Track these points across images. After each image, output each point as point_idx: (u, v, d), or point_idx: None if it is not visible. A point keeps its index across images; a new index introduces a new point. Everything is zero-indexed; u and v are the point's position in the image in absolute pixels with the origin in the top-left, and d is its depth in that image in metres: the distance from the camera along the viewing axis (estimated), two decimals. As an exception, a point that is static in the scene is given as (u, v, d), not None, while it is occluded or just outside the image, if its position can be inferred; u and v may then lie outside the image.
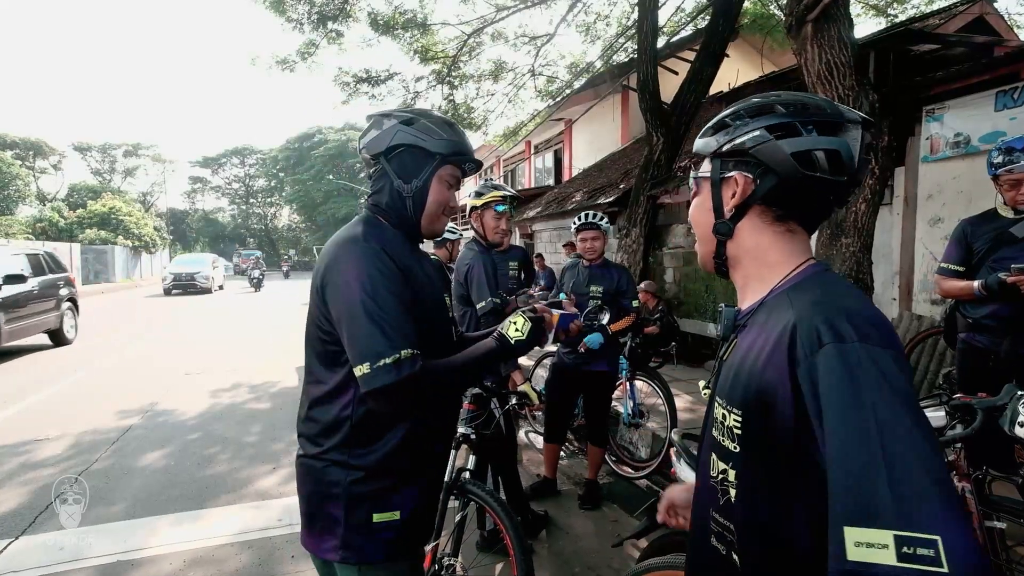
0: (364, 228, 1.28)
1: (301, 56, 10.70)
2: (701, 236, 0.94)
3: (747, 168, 0.84)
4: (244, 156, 55.43)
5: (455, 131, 1.34)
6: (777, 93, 0.86)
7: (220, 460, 4.31)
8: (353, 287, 1.17)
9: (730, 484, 0.80)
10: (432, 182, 1.34)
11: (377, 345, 1.12)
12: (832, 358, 0.66)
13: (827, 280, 0.80)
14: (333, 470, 1.26)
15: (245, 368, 7.77)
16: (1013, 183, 2.51)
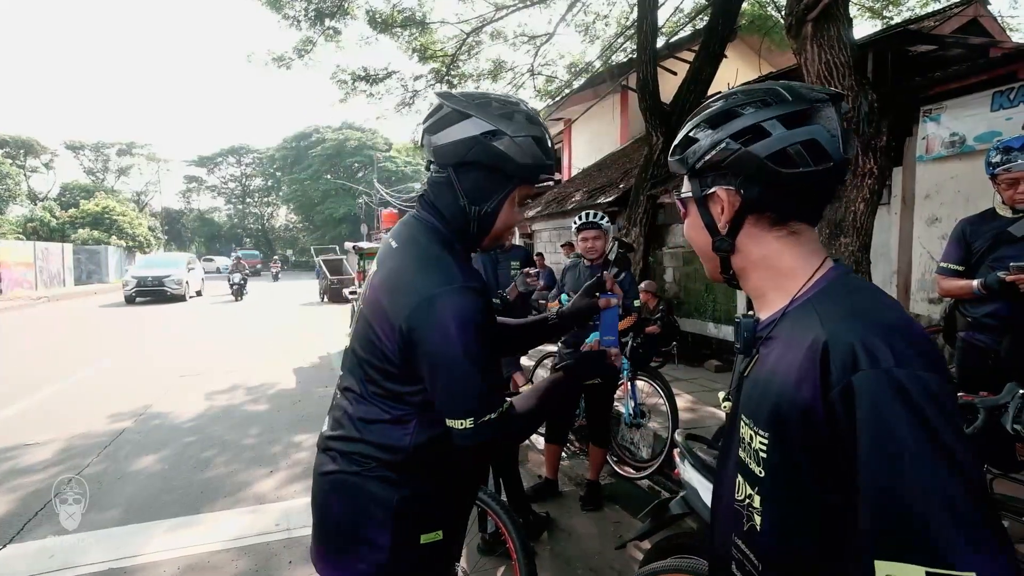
0: (448, 254, 1.14)
1: (298, 53, 10.67)
2: (703, 254, 0.89)
3: (727, 181, 0.80)
4: (240, 155, 55.28)
5: (543, 147, 1.16)
6: (734, 91, 0.82)
7: (217, 463, 4.28)
8: (455, 336, 1.05)
9: (755, 511, 0.75)
10: (504, 204, 1.19)
11: (483, 400, 1.07)
12: (868, 386, 0.62)
13: (853, 286, 0.75)
14: (378, 487, 1.16)
15: (242, 369, 7.73)
16: (1011, 182, 2.51)
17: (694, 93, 7.37)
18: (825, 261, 0.80)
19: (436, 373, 1.08)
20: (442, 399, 1.09)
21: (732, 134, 0.78)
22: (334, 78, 11.66)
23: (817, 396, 0.66)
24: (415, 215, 1.24)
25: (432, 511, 1.21)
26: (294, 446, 4.65)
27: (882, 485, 0.59)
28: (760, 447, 0.74)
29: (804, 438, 0.68)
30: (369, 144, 45.97)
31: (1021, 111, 4.10)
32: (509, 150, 1.12)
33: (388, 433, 1.16)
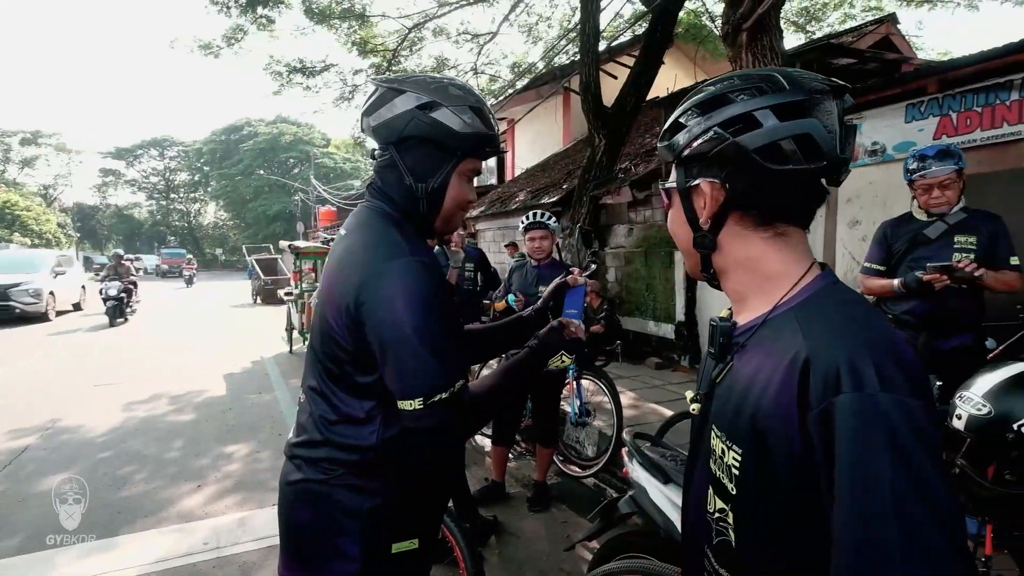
0: (399, 233, 1.10)
1: (228, 42, 10.15)
2: (684, 250, 0.84)
3: (712, 173, 0.74)
4: (164, 148, 52.03)
5: (483, 117, 1.12)
6: (730, 76, 0.76)
7: (136, 481, 3.95)
8: (402, 311, 1.00)
9: (728, 526, 0.72)
10: (451, 180, 1.14)
11: (433, 378, 1.00)
12: (848, 410, 0.58)
13: (840, 298, 0.71)
14: (347, 495, 1.11)
15: (165, 377, 7.22)
16: (926, 188, 2.68)
17: (634, 97, 7.52)
18: (812, 267, 0.75)
19: (385, 351, 1.03)
20: (391, 378, 1.03)
21: (721, 122, 0.72)
22: (268, 69, 11.18)
23: (794, 416, 0.62)
24: (365, 203, 1.20)
25: (404, 519, 1.15)
26: (224, 458, 4.39)
27: (854, 518, 0.56)
28: (733, 463, 0.70)
29: (779, 459, 0.64)
30: (305, 139, 44.37)
31: (931, 123, 4.42)
32: (447, 120, 1.08)
33: (352, 431, 1.11)
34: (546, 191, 9.94)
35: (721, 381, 0.77)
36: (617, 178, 7.73)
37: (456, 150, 1.11)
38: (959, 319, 2.69)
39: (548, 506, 3.44)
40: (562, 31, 12.09)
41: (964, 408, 1.23)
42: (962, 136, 4.14)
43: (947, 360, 2.64)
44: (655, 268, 6.97)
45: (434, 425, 1.02)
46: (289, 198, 39.65)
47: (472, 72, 12.12)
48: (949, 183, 2.64)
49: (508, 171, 15.65)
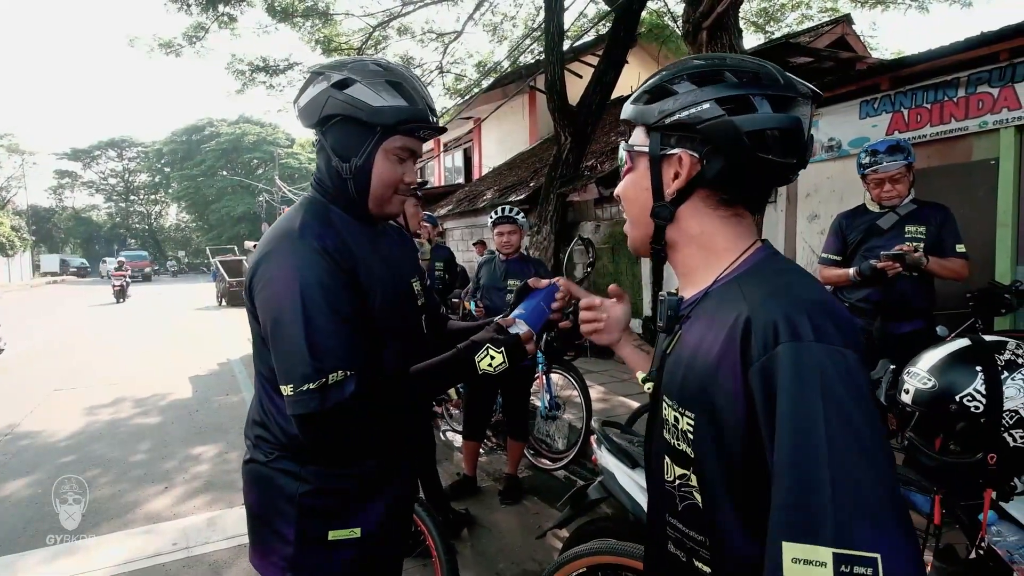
0: (304, 217, 1.09)
1: (188, 40, 9.90)
2: (635, 218, 0.83)
3: (693, 146, 0.74)
4: (122, 148, 50.32)
5: (403, 91, 1.08)
6: (722, 56, 0.77)
7: (100, 484, 3.85)
8: (281, 294, 1.00)
9: (693, 489, 0.74)
10: (376, 159, 1.10)
11: (302, 366, 0.97)
12: (787, 359, 0.60)
13: (779, 266, 0.74)
14: (283, 479, 1.12)
15: (129, 380, 7.02)
16: (878, 181, 2.80)
17: (599, 95, 7.61)
18: (755, 243, 0.78)
19: (266, 332, 1.03)
20: (275, 364, 1.02)
21: (717, 98, 0.71)
22: (230, 68, 10.94)
23: (738, 373, 0.65)
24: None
25: (341, 506, 1.14)
26: (192, 459, 4.30)
27: (791, 462, 0.58)
28: (688, 428, 0.72)
29: (729, 416, 0.67)
30: (269, 139, 43.47)
31: (884, 119, 4.60)
32: (361, 95, 1.05)
33: (282, 416, 1.10)
34: (513, 189, 9.98)
35: (670, 353, 0.80)
36: (583, 176, 7.81)
37: (375, 126, 1.07)
38: (911, 305, 2.82)
39: (520, 498, 3.47)
40: (527, 30, 12.14)
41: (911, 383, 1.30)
42: (913, 131, 4.33)
43: (901, 345, 2.76)
44: (622, 264, 7.08)
45: (305, 414, 0.98)
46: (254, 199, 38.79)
47: (438, 71, 12.07)
48: (899, 177, 2.76)
49: (475, 170, 15.63)
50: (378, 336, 1.13)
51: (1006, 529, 1.26)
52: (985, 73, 3.92)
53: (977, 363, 1.14)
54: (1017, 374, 1.10)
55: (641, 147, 0.80)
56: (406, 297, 1.25)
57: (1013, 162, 3.86)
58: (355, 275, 1.08)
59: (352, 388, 0.99)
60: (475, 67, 13.52)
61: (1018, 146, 3.86)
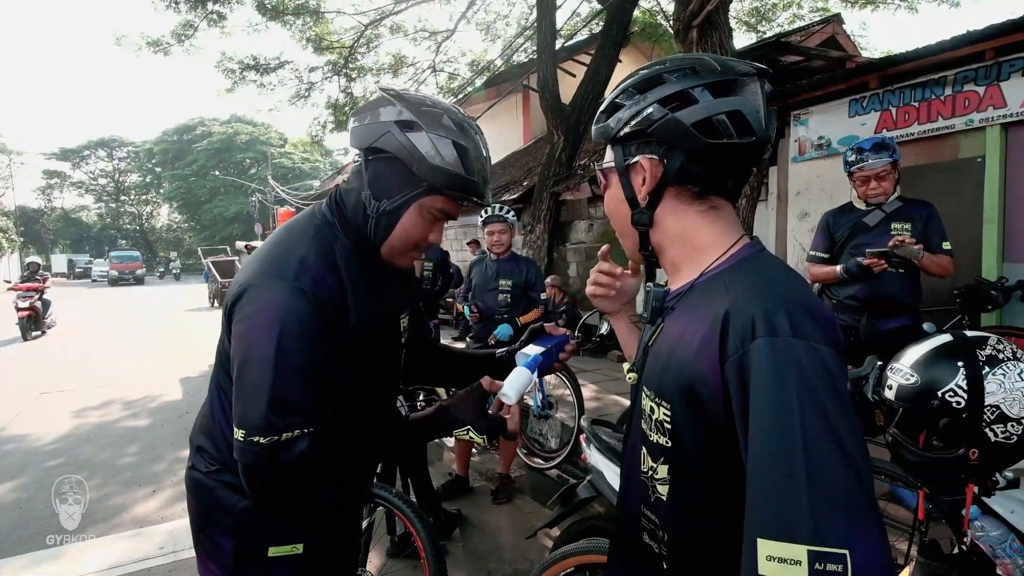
0: (305, 251, 1.01)
1: (177, 39, 9.83)
2: (621, 230, 0.85)
3: (651, 149, 0.77)
4: (112, 148, 49.83)
5: (466, 159, 1.01)
6: (662, 60, 0.79)
7: (88, 487, 3.80)
8: (258, 333, 0.95)
9: (658, 481, 0.75)
10: (409, 210, 1.04)
11: (259, 417, 0.92)
12: (762, 354, 0.61)
13: (764, 263, 0.75)
14: (223, 491, 1.09)
15: (118, 383, 6.96)
16: (864, 179, 2.82)
17: (592, 94, 7.63)
18: (741, 239, 0.79)
19: (234, 366, 0.98)
20: (234, 398, 0.97)
21: (659, 99, 0.74)
22: (220, 66, 10.87)
23: (716, 365, 0.66)
24: (317, 204, 1.15)
25: (282, 522, 1.10)
26: (181, 462, 4.26)
27: (766, 458, 0.58)
28: (664, 418, 0.73)
29: (705, 409, 0.67)
30: (262, 139, 43.23)
31: (873, 117, 4.63)
32: (421, 145, 0.98)
33: (226, 428, 1.07)
34: (507, 189, 9.97)
35: (652, 344, 0.81)
36: (576, 175, 7.82)
37: (422, 180, 1.00)
38: (897, 301, 2.83)
39: (512, 498, 3.47)
40: (520, 29, 12.13)
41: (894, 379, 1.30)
42: (901, 130, 4.35)
43: (887, 341, 2.77)
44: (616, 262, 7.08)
45: (248, 465, 0.94)
46: (246, 199, 38.59)
47: (430, 70, 12.05)
48: (885, 174, 2.77)
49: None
50: (346, 372, 1.07)
51: (989, 524, 1.27)
52: (971, 72, 3.95)
53: (959, 359, 1.14)
54: (998, 369, 1.10)
55: (608, 163, 0.83)
56: (393, 337, 1.21)
57: (999, 160, 3.89)
58: (344, 320, 1.03)
59: (304, 446, 0.94)
60: (468, 66, 13.50)
61: (1003, 144, 3.89)
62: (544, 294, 3.51)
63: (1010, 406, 1.08)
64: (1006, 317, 3.90)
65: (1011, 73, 3.75)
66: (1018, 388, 1.08)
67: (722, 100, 0.73)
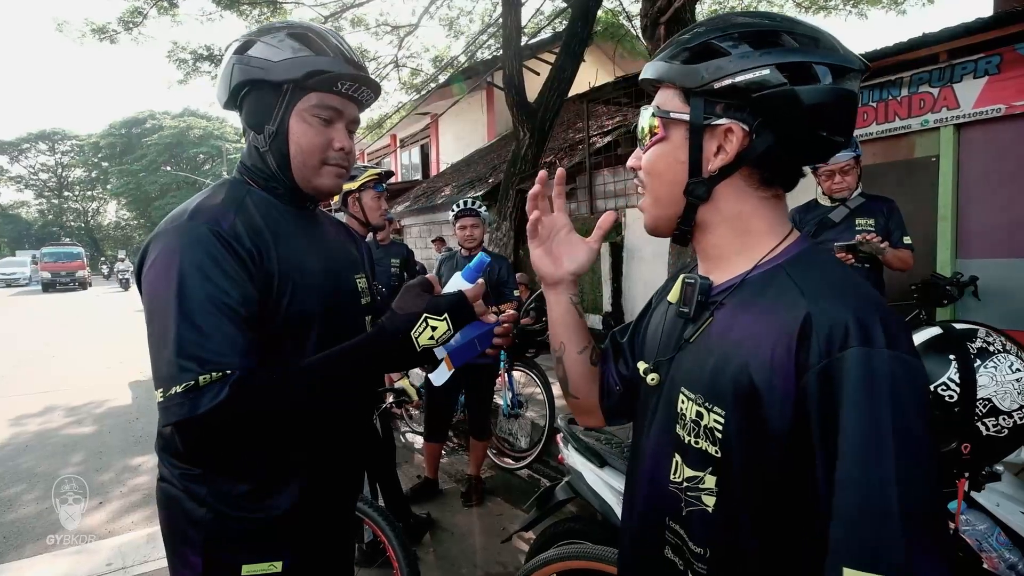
0: (203, 200, 0.95)
1: (125, 26, 9.34)
2: (661, 196, 0.74)
3: (743, 117, 0.65)
4: (54, 142, 47.26)
5: (308, 41, 0.96)
6: (770, 15, 0.68)
7: (26, 501, 3.54)
8: (156, 282, 0.87)
9: (704, 492, 0.68)
10: (291, 123, 0.97)
11: (169, 366, 0.82)
12: (857, 366, 0.55)
13: (828, 259, 0.68)
14: (189, 502, 0.98)
15: (60, 387, 6.55)
16: (829, 174, 2.88)
17: (557, 91, 7.59)
18: (793, 230, 0.72)
19: (147, 330, 0.89)
20: (151, 362, 0.87)
21: (778, 63, 0.63)
22: (171, 56, 10.40)
23: (790, 373, 0.60)
24: None
25: (256, 535, 0.99)
26: (130, 470, 4.02)
27: (857, 480, 0.54)
28: (716, 425, 0.65)
29: (765, 418, 0.61)
30: (217, 133, 41.76)
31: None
32: (262, 53, 0.95)
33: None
34: (472, 185, 9.87)
35: (695, 341, 0.73)
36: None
37: (282, 84, 0.95)
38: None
39: (483, 500, 3.39)
40: (483, 25, 12.04)
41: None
42: (860, 129, 4.46)
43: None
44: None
45: (176, 423, 0.82)
46: (200, 196, 37.17)
47: (393, 65, 11.84)
48: (848, 169, 2.83)
49: (433, 166, 15.45)
50: (295, 331, 0.98)
51: (975, 518, 1.27)
52: (926, 74, 4.07)
53: (949, 352, 1.12)
54: (989, 362, 1.09)
55: (679, 114, 0.69)
56: (346, 293, 1.12)
57: (952, 159, 4.03)
58: (261, 258, 0.93)
59: (227, 392, 0.82)
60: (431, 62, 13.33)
61: (956, 144, 4.03)
62: (516, 291, 3.45)
63: (1002, 399, 1.07)
64: (959, 311, 4.04)
65: (963, 75, 3.88)
66: (1009, 380, 1.07)
67: (840, 88, 0.64)
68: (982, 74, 3.80)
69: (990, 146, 3.89)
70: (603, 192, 7.25)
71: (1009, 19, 3.60)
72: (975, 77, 3.83)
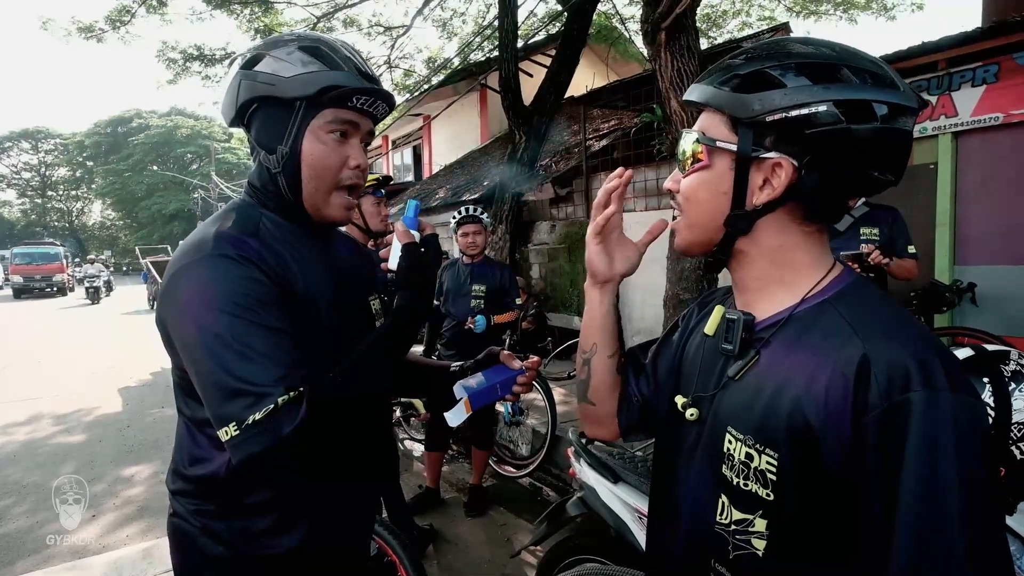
0: (220, 227, 0.90)
1: (112, 24, 9.19)
2: (700, 223, 0.72)
3: (794, 151, 0.63)
4: (37, 140, 46.58)
5: (321, 55, 0.91)
6: (832, 48, 0.65)
7: (15, 515, 3.46)
8: (199, 323, 0.82)
9: (754, 535, 0.66)
10: (304, 142, 0.91)
11: (239, 400, 0.78)
12: (922, 409, 0.54)
13: (876, 295, 0.67)
14: (207, 542, 0.94)
15: (49, 395, 6.42)
16: None
17: (553, 94, 7.58)
18: (836, 264, 0.71)
19: (190, 367, 0.85)
20: (206, 406, 0.84)
21: (837, 100, 0.60)
22: (161, 56, 10.25)
23: (847, 415, 0.58)
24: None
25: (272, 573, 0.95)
26: (123, 481, 3.94)
27: (918, 519, 0.53)
28: (768, 467, 0.64)
29: (819, 461, 0.60)
30: (205, 133, 41.33)
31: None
32: (271, 68, 0.90)
33: (201, 457, 0.94)
34: (467, 188, 9.83)
35: (740, 379, 0.71)
36: (538, 175, 7.76)
37: (294, 100, 0.90)
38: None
39: (486, 510, 3.35)
40: (477, 27, 12.00)
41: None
42: (857, 136, 4.48)
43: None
44: (578, 263, 7.06)
45: (260, 452, 0.78)
46: (188, 196, 36.82)
47: (386, 66, 11.75)
48: None
49: (426, 168, 15.38)
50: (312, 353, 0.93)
51: (1004, 539, 1.25)
52: (924, 81, 4.10)
53: (984, 374, 1.11)
54: (1024, 385, 1.08)
55: (726, 143, 0.67)
56: (363, 316, 1.10)
57: (950, 166, 4.06)
58: (289, 284, 0.91)
59: (305, 403, 0.81)
60: (425, 63, 13.27)
61: (954, 151, 4.06)
62: (519, 298, 3.42)
63: (1038, 423, 1.06)
64: (957, 318, 4.07)
65: (962, 83, 3.91)
66: (1045, 404, 1.06)
67: (897, 128, 0.61)
68: (980, 83, 3.83)
69: (988, 154, 3.92)
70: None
71: (1007, 28, 3.63)
72: (973, 85, 3.86)
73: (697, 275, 4.13)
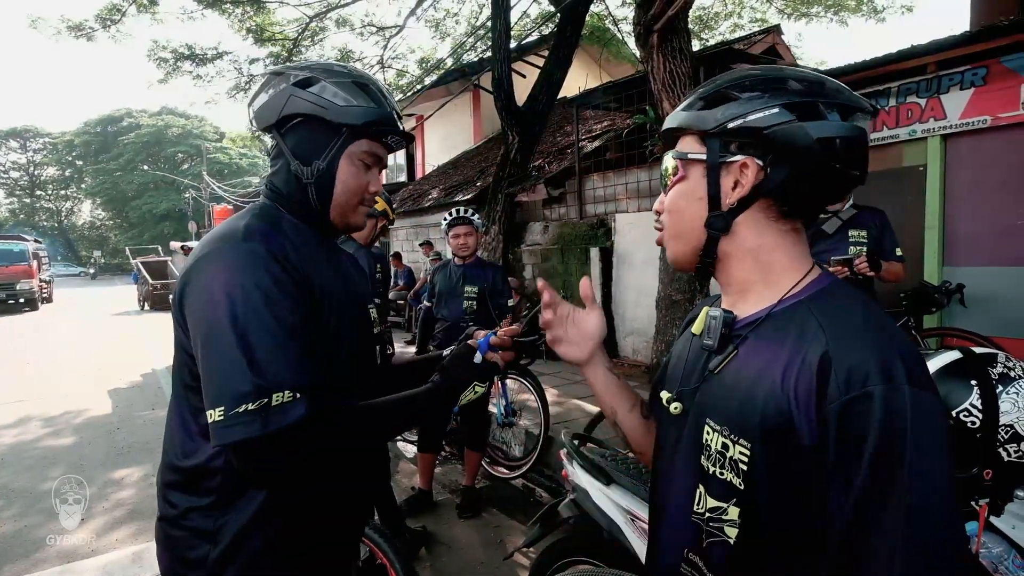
0: (250, 221, 0.96)
1: (102, 23, 9.12)
2: (684, 230, 0.79)
3: (757, 153, 0.71)
4: (26, 139, 46.07)
5: (370, 93, 1.02)
6: (780, 69, 0.74)
7: (3, 518, 3.42)
8: (218, 301, 0.85)
9: (726, 523, 0.69)
10: (340, 163, 1.01)
11: (239, 383, 0.81)
12: (879, 403, 0.58)
13: (850, 295, 0.71)
14: (195, 542, 0.93)
15: (36, 397, 6.37)
16: None
17: (546, 95, 7.59)
18: (814, 266, 0.76)
19: (198, 349, 0.88)
20: (204, 386, 0.86)
21: (786, 104, 0.69)
22: (152, 55, 10.19)
23: (812, 408, 0.62)
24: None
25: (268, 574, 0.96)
26: (113, 484, 3.91)
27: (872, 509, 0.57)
28: (741, 457, 0.68)
29: (787, 452, 0.64)
30: (196, 132, 41.07)
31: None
32: (326, 93, 0.99)
33: (195, 455, 0.95)
34: (460, 189, 9.83)
35: (719, 372, 0.75)
36: (531, 176, 7.77)
37: (341, 127, 0.99)
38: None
39: (479, 511, 3.35)
40: (470, 28, 12.00)
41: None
42: (847, 138, 4.52)
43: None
44: (571, 264, 7.08)
45: (240, 442, 0.80)
46: (179, 195, 36.58)
47: (379, 66, 11.73)
48: None
49: (419, 168, 15.36)
50: (334, 359, 1.00)
51: (991, 540, 1.27)
52: (914, 84, 4.14)
53: (971, 377, 1.12)
54: (1011, 387, 1.09)
55: (696, 155, 0.76)
56: (364, 320, 1.16)
57: (939, 168, 4.10)
58: (309, 285, 0.96)
59: (301, 412, 0.84)
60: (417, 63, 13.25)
61: (943, 153, 4.10)
62: (511, 300, 3.42)
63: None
64: (946, 319, 4.11)
65: (950, 86, 3.95)
66: (1032, 407, 1.07)
67: (849, 124, 0.69)
68: (968, 86, 3.87)
69: (976, 156, 3.97)
70: (592, 197, 7.26)
71: (995, 32, 3.67)
72: (962, 88, 3.90)
73: (689, 276, 4.15)
